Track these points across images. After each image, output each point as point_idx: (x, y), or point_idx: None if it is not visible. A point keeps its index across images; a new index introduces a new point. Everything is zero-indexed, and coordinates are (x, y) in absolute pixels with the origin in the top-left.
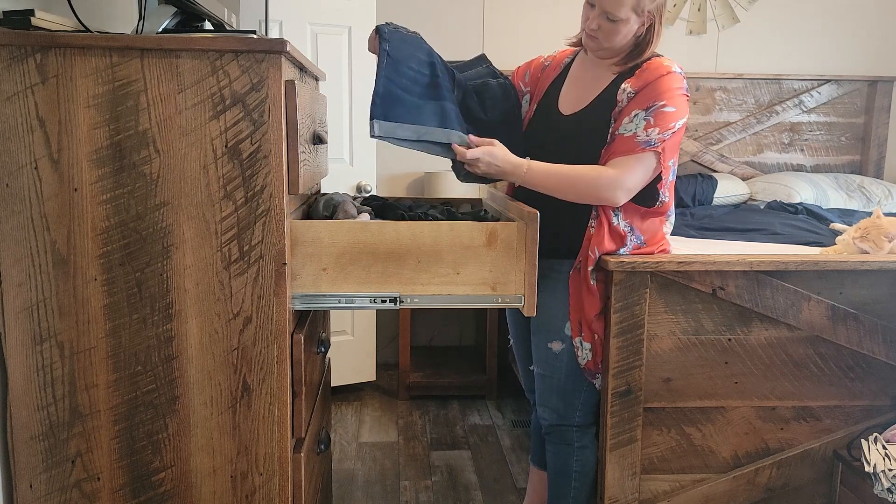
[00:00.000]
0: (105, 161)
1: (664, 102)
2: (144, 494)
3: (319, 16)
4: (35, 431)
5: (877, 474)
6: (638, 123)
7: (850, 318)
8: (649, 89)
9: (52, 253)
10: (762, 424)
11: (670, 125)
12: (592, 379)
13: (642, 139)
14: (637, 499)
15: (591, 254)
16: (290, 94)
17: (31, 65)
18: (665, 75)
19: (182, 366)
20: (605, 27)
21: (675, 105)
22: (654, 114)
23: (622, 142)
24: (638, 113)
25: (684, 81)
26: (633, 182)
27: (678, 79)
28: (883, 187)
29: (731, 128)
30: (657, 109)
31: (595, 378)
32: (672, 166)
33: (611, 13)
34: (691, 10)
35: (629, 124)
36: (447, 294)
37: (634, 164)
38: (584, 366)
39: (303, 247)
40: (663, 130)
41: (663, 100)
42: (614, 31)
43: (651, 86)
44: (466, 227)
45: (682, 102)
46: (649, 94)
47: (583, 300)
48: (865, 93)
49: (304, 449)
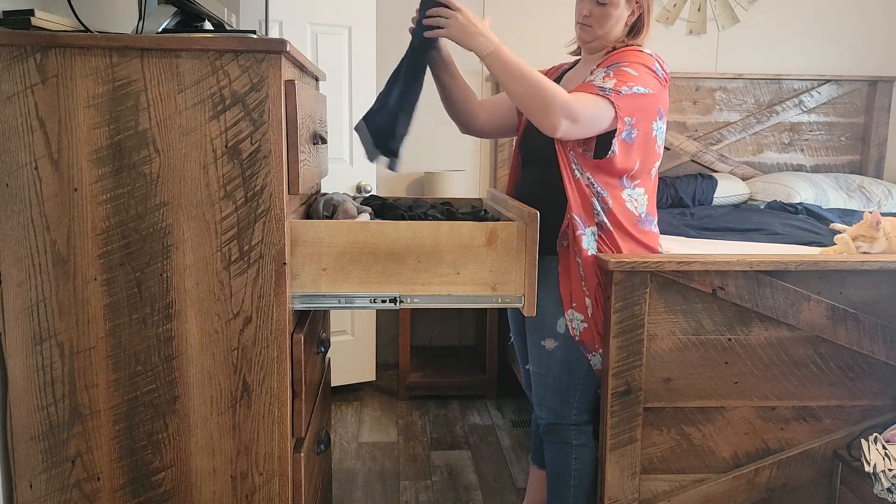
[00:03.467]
0: (105, 161)
1: (626, 62)
2: (144, 494)
3: (319, 16)
4: (35, 431)
5: (877, 474)
6: (597, 75)
7: (850, 318)
8: (614, 58)
9: (52, 253)
10: (762, 424)
11: (628, 82)
12: (588, 354)
13: (598, 84)
14: (637, 499)
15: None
16: (290, 94)
17: (31, 65)
18: (633, 51)
19: (182, 366)
20: (597, 12)
21: (637, 70)
22: (614, 70)
23: (581, 86)
24: (600, 71)
25: (656, 64)
26: (582, 115)
27: (646, 56)
28: (883, 187)
29: (731, 128)
30: (617, 67)
31: (591, 354)
32: (630, 126)
33: None
34: (691, 10)
35: (590, 76)
36: (447, 294)
37: (588, 100)
38: (578, 338)
39: (303, 247)
40: (620, 84)
41: (625, 61)
42: (605, 15)
43: (616, 56)
44: (466, 227)
45: (647, 75)
46: (612, 60)
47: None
48: (865, 93)
49: (304, 449)
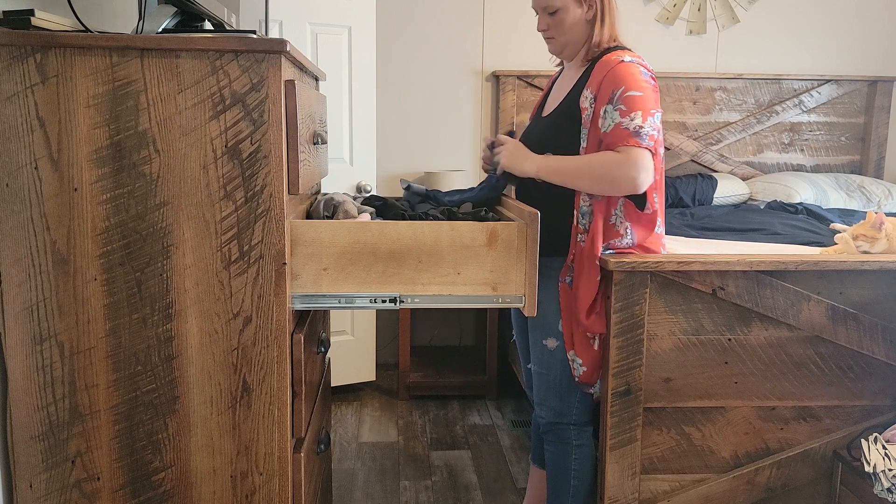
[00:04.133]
0: (105, 161)
1: (623, 88)
2: (144, 494)
3: (319, 16)
4: (35, 431)
5: (877, 474)
6: (613, 117)
7: (850, 318)
8: (605, 84)
9: (52, 253)
10: (762, 424)
11: (650, 110)
12: (588, 390)
13: (633, 129)
14: (637, 499)
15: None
16: (290, 94)
17: (31, 65)
18: (615, 66)
19: (182, 366)
20: (552, 22)
21: (640, 89)
22: (622, 101)
23: (610, 137)
24: (606, 108)
25: (643, 71)
26: (641, 164)
27: (631, 66)
28: (883, 187)
29: (731, 128)
30: (621, 97)
31: (590, 389)
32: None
33: (547, 6)
34: (691, 10)
35: (605, 121)
36: (448, 294)
37: (637, 154)
38: (578, 379)
39: (304, 247)
40: (645, 118)
41: (621, 86)
42: (559, 22)
43: (606, 80)
44: (467, 227)
45: (647, 88)
46: (606, 89)
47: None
48: (865, 93)
49: (304, 449)
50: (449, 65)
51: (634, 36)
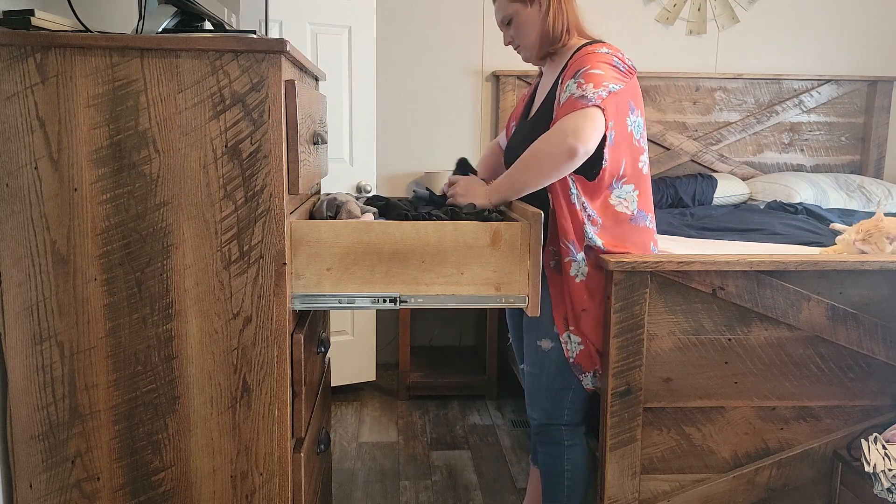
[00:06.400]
0: (105, 161)
1: (588, 66)
2: (144, 494)
3: (319, 16)
4: (35, 431)
5: (877, 474)
6: (571, 88)
7: (850, 318)
8: (575, 65)
9: (52, 253)
10: (762, 424)
11: (602, 82)
12: (580, 375)
13: (578, 95)
14: (637, 499)
15: (563, 244)
16: (290, 94)
17: (31, 65)
18: (585, 54)
19: (182, 366)
20: (512, 32)
21: (602, 69)
22: (583, 76)
23: (562, 107)
24: (569, 83)
25: (615, 59)
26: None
27: (603, 55)
28: (883, 187)
29: (731, 128)
30: (584, 72)
31: (583, 374)
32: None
33: (504, 16)
34: (691, 10)
35: (564, 94)
36: (451, 294)
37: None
38: (573, 360)
39: (307, 247)
40: (597, 87)
41: (587, 64)
42: (518, 27)
43: (576, 63)
44: (470, 227)
45: (611, 71)
46: (574, 68)
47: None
48: (865, 93)
49: (304, 449)
50: (449, 65)
51: (634, 36)
